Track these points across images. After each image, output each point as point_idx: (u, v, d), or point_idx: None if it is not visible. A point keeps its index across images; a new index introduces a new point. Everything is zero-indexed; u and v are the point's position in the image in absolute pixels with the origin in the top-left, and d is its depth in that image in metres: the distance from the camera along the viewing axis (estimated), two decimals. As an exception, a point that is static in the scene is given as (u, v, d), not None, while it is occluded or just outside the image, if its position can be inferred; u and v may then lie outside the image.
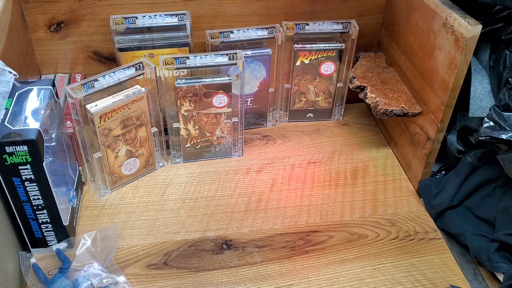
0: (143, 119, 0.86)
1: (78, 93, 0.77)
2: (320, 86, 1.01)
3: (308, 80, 0.99)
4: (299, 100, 1.01)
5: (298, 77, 0.99)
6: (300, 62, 0.96)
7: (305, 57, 0.96)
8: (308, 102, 1.02)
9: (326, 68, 0.98)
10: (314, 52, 0.95)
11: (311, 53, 0.95)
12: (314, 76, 0.99)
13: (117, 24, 0.90)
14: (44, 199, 0.71)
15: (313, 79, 1.00)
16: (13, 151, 0.65)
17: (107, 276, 0.73)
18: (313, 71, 0.99)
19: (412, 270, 0.77)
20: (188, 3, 0.95)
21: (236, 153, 0.98)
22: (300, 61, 0.96)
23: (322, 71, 0.98)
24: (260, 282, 0.75)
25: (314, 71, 0.99)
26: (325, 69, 0.98)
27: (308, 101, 1.02)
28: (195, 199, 0.88)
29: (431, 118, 0.85)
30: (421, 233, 0.84)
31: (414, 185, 0.93)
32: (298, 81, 1.00)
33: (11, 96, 0.70)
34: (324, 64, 0.97)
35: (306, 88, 1.00)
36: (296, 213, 0.86)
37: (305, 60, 0.96)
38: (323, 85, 1.01)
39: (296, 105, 1.02)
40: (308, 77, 0.99)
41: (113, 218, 0.84)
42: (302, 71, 0.98)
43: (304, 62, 0.96)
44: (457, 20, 0.76)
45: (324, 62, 0.97)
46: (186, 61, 0.85)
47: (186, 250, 0.79)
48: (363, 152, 1.01)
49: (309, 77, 0.99)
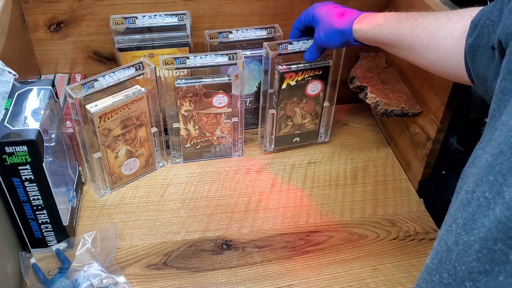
0: (143, 119, 0.86)
1: (78, 93, 0.76)
2: (307, 108, 0.95)
3: (294, 103, 0.93)
4: (285, 125, 0.96)
5: (284, 101, 0.93)
6: (286, 85, 0.90)
7: (291, 79, 0.90)
8: (295, 126, 0.97)
9: (313, 88, 0.92)
10: (300, 73, 0.89)
11: (297, 74, 0.89)
12: (300, 97, 0.93)
13: (117, 24, 0.89)
14: (44, 199, 0.71)
15: (300, 101, 0.94)
16: (12, 151, 0.64)
17: (107, 276, 0.72)
18: (300, 92, 0.92)
19: (413, 270, 0.77)
20: (188, 3, 0.95)
21: (236, 153, 0.98)
22: (286, 83, 0.90)
23: (309, 91, 0.92)
24: (260, 282, 0.75)
25: (301, 93, 0.93)
26: (312, 89, 0.92)
27: (295, 125, 0.97)
28: (195, 199, 0.88)
29: (431, 118, 0.85)
30: (422, 233, 0.84)
31: (414, 185, 0.93)
32: (284, 105, 0.93)
33: (11, 96, 0.70)
34: (311, 83, 0.91)
35: (293, 112, 0.95)
36: (296, 213, 0.86)
37: (291, 82, 0.90)
38: (310, 106, 0.95)
39: (282, 131, 0.97)
40: (294, 99, 0.93)
41: (113, 218, 0.84)
42: (288, 94, 0.92)
43: (291, 84, 0.90)
44: (457, 20, 0.76)
45: (311, 81, 0.91)
46: (186, 61, 0.85)
47: (186, 250, 0.79)
48: (363, 152, 1.01)
49: (296, 100, 0.93)
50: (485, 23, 0.56)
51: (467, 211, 0.40)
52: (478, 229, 0.38)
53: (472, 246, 0.38)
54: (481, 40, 0.57)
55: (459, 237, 0.40)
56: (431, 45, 0.65)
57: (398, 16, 0.70)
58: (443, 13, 0.66)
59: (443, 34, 0.64)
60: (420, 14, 0.68)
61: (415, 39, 0.67)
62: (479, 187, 0.39)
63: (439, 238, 0.45)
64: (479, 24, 0.58)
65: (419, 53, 0.68)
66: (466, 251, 0.39)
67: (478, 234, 0.38)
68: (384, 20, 0.71)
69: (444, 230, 0.44)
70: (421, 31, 0.66)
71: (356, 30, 0.75)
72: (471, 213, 0.39)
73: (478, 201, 0.39)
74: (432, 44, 0.65)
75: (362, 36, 0.74)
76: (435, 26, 0.65)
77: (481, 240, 0.37)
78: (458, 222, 0.41)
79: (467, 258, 0.38)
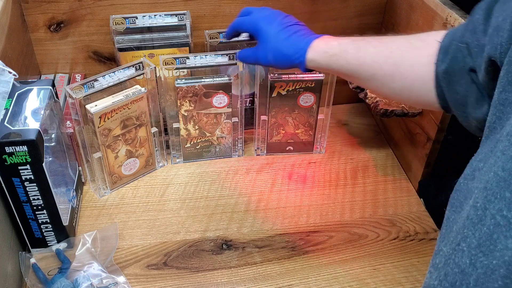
0: (143, 119, 0.86)
1: (78, 93, 0.76)
2: (300, 118, 0.94)
3: (286, 112, 0.93)
4: (277, 133, 0.96)
5: (275, 109, 0.92)
6: (277, 94, 0.90)
7: (281, 88, 0.89)
8: (287, 135, 0.96)
9: (305, 99, 0.91)
10: (291, 83, 0.88)
11: (288, 84, 0.88)
12: (292, 108, 0.93)
13: (117, 24, 0.89)
14: (43, 199, 0.71)
15: (292, 111, 0.93)
16: (12, 151, 0.64)
17: (107, 276, 0.73)
18: (292, 102, 0.92)
19: (413, 270, 0.77)
20: (188, 3, 0.95)
21: (236, 153, 0.98)
22: (277, 92, 0.89)
23: (301, 102, 0.91)
24: (260, 282, 0.75)
25: (293, 103, 0.92)
26: (304, 100, 0.91)
27: (288, 134, 0.96)
28: (195, 199, 0.88)
29: (431, 118, 0.85)
30: (421, 233, 0.84)
31: (414, 185, 0.93)
32: (276, 113, 0.93)
33: (11, 96, 0.70)
34: (303, 95, 0.90)
35: (285, 120, 0.94)
36: (296, 213, 0.86)
37: (282, 91, 0.89)
38: (303, 117, 0.94)
39: (275, 138, 0.96)
40: (286, 109, 0.93)
41: (113, 218, 0.84)
42: (279, 103, 0.92)
43: (281, 93, 0.90)
44: (458, 20, 0.76)
45: (303, 93, 0.90)
46: (186, 61, 0.85)
47: (186, 250, 0.79)
48: (363, 152, 1.01)
49: (287, 109, 0.93)
50: (458, 46, 0.54)
51: (481, 230, 0.37)
52: (501, 251, 0.35)
53: (496, 270, 0.35)
54: (456, 65, 0.54)
55: (476, 259, 0.37)
56: (396, 75, 0.61)
57: (354, 44, 0.65)
58: (403, 39, 0.63)
59: (408, 62, 0.60)
60: (379, 41, 0.64)
61: (377, 69, 0.62)
62: (492, 204, 0.37)
63: (445, 257, 0.42)
64: (450, 49, 0.55)
65: (383, 83, 0.63)
66: (488, 276, 0.36)
67: (502, 257, 0.35)
68: (340, 50, 0.65)
69: (449, 248, 0.41)
70: (383, 60, 0.62)
71: (309, 60, 0.68)
72: (488, 233, 0.36)
73: (494, 220, 0.36)
74: (397, 73, 0.61)
75: (316, 67, 0.69)
76: (398, 54, 0.61)
77: (508, 265, 0.34)
78: (471, 242, 0.38)
79: (491, 284, 0.35)
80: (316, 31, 0.72)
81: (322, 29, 0.75)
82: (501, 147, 0.39)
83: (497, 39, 0.45)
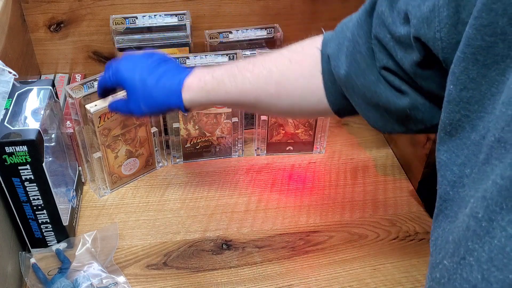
0: (143, 119, 0.86)
1: (78, 93, 0.77)
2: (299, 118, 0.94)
3: None
4: (278, 133, 0.95)
5: None
6: None
7: None
8: (288, 135, 0.96)
9: None
10: None
11: None
12: None
13: (117, 24, 0.90)
14: (43, 199, 0.71)
15: None
16: (12, 151, 0.64)
17: (107, 276, 0.73)
18: None
19: (412, 270, 0.77)
20: (188, 3, 0.95)
21: (236, 153, 0.98)
22: None
23: None
24: (260, 282, 0.75)
25: None
26: None
27: (288, 134, 0.96)
28: (195, 199, 0.88)
29: (431, 118, 0.85)
30: (421, 233, 0.84)
31: (414, 185, 0.93)
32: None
33: (11, 96, 0.70)
34: None
35: (285, 120, 0.94)
36: (296, 213, 0.86)
37: None
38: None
39: (274, 138, 0.96)
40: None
41: (113, 218, 0.84)
42: None
43: None
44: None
45: None
46: (186, 61, 0.85)
47: (186, 250, 0.79)
48: (363, 152, 1.01)
49: None
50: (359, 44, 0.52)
51: (490, 244, 0.35)
52: None
53: None
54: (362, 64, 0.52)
55: (489, 274, 0.35)
56: (282, 93, 0.60)
57: (229, 72, 0.62)
58: (278, 55, 0.61)
59: (291, 77, 0.59)
60: (254, 64, 0.61)
61: (260, 92, 0.60)
62: (499, 214, 0.34)
63: (448, 272, 0.39)
64: (343, 51, 0.54)
65: (269, 104, 0.62)
66: None
67: None
68: (216, 82, 0.62)
69: (452, 262, 0.39)
70: (264, 82, 0.60)
71: (187, 101, 0.63)
72: (500, 247, 0.34)
73: (505, 232, 0.34)
74: (283, 91, 0.59)
75: (196, 106, 0.65)
76: (277, 72, 0.59)
77: None
78: (479, 255, 0.36)
79: None
80: (316, 31, 0.72)
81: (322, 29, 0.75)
82: (495, 154, 0.36)
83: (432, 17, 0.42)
